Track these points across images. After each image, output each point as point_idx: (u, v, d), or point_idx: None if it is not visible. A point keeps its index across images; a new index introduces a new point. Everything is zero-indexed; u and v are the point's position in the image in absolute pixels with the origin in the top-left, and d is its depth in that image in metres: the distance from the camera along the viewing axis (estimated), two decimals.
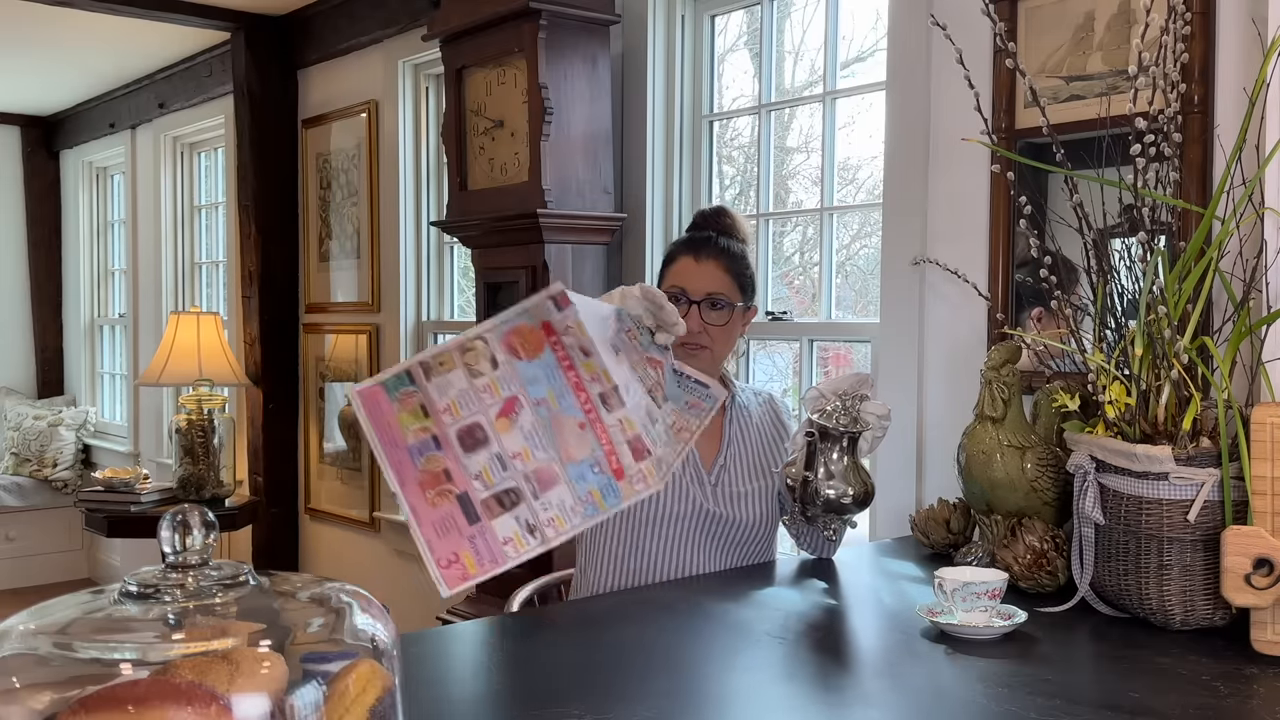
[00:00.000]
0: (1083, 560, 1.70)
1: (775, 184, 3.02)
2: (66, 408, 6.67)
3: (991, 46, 2.17)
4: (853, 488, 1.86)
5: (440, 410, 1.25)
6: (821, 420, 1.84)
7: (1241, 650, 1.48)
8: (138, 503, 4.19)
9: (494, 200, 3.05)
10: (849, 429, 1.84)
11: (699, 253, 2.03)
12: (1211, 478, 1.55)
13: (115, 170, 6.60)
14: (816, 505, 1.87)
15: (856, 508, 1.89)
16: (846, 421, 1.85)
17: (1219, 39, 1.91)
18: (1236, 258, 1.71)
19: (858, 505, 1.88)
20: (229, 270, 5.27)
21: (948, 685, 1.31)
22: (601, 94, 2.97)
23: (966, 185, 2.29)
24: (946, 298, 2.33)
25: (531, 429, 1.28)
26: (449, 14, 3.11)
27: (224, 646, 0.79)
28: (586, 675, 1.36)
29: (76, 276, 6.84)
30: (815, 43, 2.92)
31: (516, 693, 1.35)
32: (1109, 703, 1.29)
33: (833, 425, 1.84)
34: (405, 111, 4.07)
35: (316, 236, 4.66)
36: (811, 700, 1.36)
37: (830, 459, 1.85)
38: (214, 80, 5.12)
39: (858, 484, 1.87)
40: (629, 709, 1.25)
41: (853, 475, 1.86)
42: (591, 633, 1.64)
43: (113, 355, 6.73)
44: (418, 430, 1.24)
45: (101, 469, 4.86)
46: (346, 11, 4.27)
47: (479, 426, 1.25)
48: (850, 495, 1.86)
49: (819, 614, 1.76)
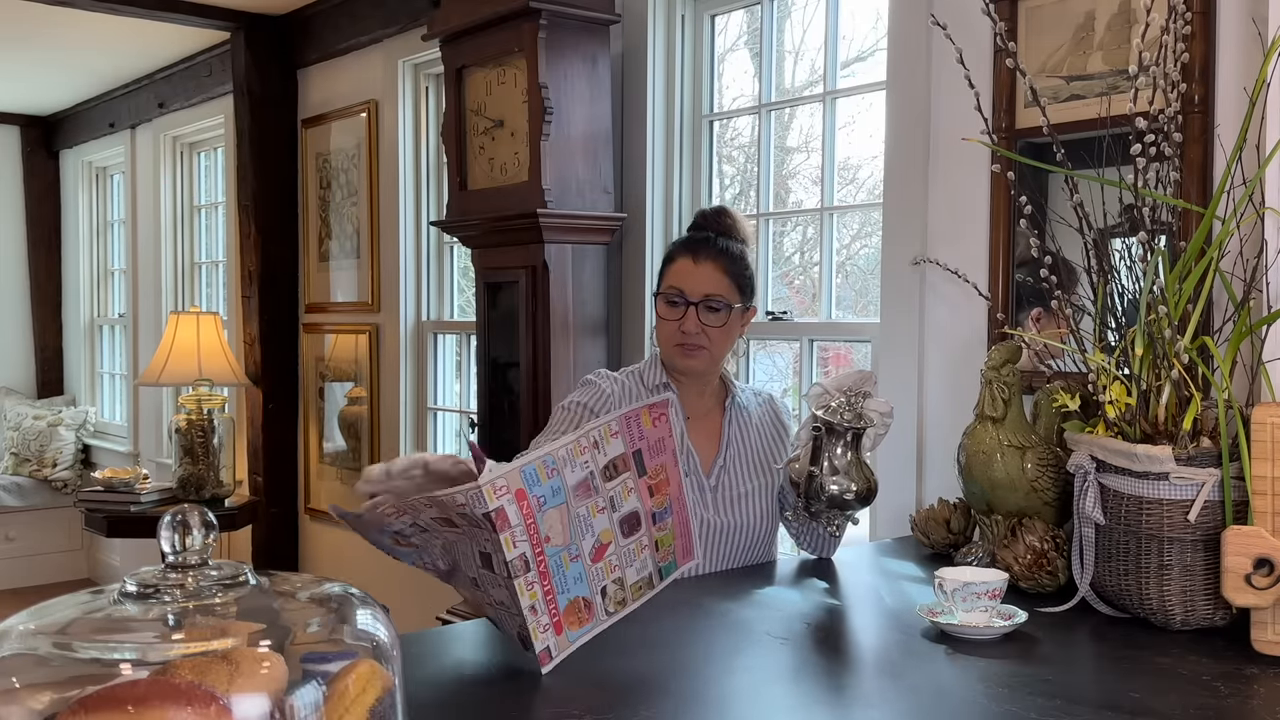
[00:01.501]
0: (1083, 560, 1.69)
1: (775, 184, 3.02)
2: (66, 408, 6.67)
3: (992, 46, 2.17)
4: (856, 484, 1.86)
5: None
6: (826, 416, 1.85)
7: (1242, 650, 1.48)
8: (137, 503, 4.19)
9: (494, 200, 3.04)
10: (853, 425, 1.85)
11: (697, 254, 2.02)
12: (1212, 478, 1.55)
13: (115, 170, 6.60)
14: (821, 501, 1.87)
15: (860, 504, 1.89)
16: (851, 417, 1.85)
17: (1219, 38, 1.91)
18: (1237, 258, 1.71)
19: (861, 501, 1.89)
20: (229, 270, 5.26)
21: (948, 685, 1.31)
22: (601, 94, 2.97)
23: (967, 185, 2.29)
24: (946, 298, 2.33)
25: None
26: (449, 14, 3.11)
27: (224, 646, 0.79)
28: (586, 675, 1.36)
29: (76, 276, 6.84)
30: (815, 43, 2.92)
31: (517, 693, 1.35)
32: (1109, 703, 1.29)
33: (837, 421, 1.84)
34: (405, 111, 4.07)
35: (316, 236, 4.65)
36: (813, 700, 1.36)
37: (835, 454, 1.86)
38: (214, 80, 5.12)
39: (861, 480, 1.87)
40: (629, 709, 1.25)
41: (856, 471, 1.87)
42: None
43: (112, 355, 6.73)
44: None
45: (101, 469, 4.87)
46: (347, 11, 4.27)
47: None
48: (854, 491, 1.86)
49: (820, 614, 1.75)
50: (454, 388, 4.10)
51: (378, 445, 4.26)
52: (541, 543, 1.26)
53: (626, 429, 1.37)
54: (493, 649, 1.52)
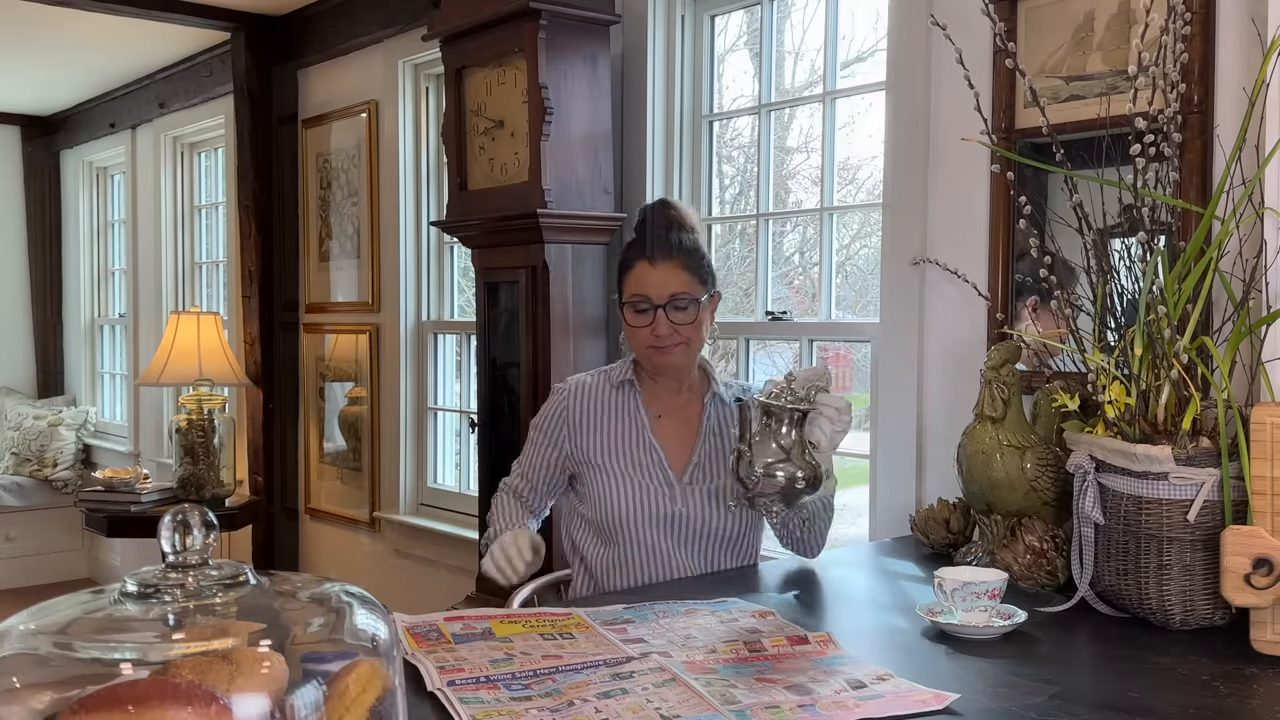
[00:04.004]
0: (1082, 560, 1.70)
1: (775, 184, 3.02)
2: (66, 408, 6.67)
3: (991, 47, 2.17)
4: (800, 469, 1.78)
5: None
6: (766, 400, 1.79)
7: (1241, 650, 1.48)
8: (138, 502, 4.19)
9: (494, 200, 3.04)
10: (796, 405, 1.78)
11: (654, 257, 2.01)
12: (1211, 477, 1.55)
13: (115, 170, 6.60)
14: (751, 482, 1.78)
15: (802, 488, 1.80)
16: (793, 400, 1.79)
17: (1218, 39, 1.91)
18: (1236, 258, 1.71)
19: (802, 486, 1.80)
20: (229, 270, 5.27)
21: (948, 685, 1.31)
22: (601, 94, 2.97)
23: (966, 185, 2.29)
24: (946, 297, 2.33)
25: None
26: (449, 14, 3.11)
27: (224, 646, 0.79)
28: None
29: (77, 276, 6.84)
30: (815, 43, 2.92)
31: None
32: (1109, 703, 1.29)
33: (778, 404, 1.78)
34: (405, 111, 4.07)
35: (317, 236, 4.66)
36: None
37: (779, 436, 1.78)
38: (214, 80, 5.12)
39: (805, 466, 1.79)
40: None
41: (798, 455, 1.78)
42: None
43: (113, 355, 6.73)
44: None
45: (102, 469, 4.87)
46: (346, 11, 4.27)
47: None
48: (791, 474, 1.77)
49: (819, 614, 1.75)
50: (454, 388, 4.10)
51: (378, 445, 4.27)
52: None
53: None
54: None
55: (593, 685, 1.21)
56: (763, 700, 1.17)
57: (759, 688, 1.21)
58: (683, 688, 1.20)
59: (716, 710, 1.14)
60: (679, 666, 1.27)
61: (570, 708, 1.15)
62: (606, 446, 2.06)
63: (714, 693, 1.18)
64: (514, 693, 1.19)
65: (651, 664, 1.28)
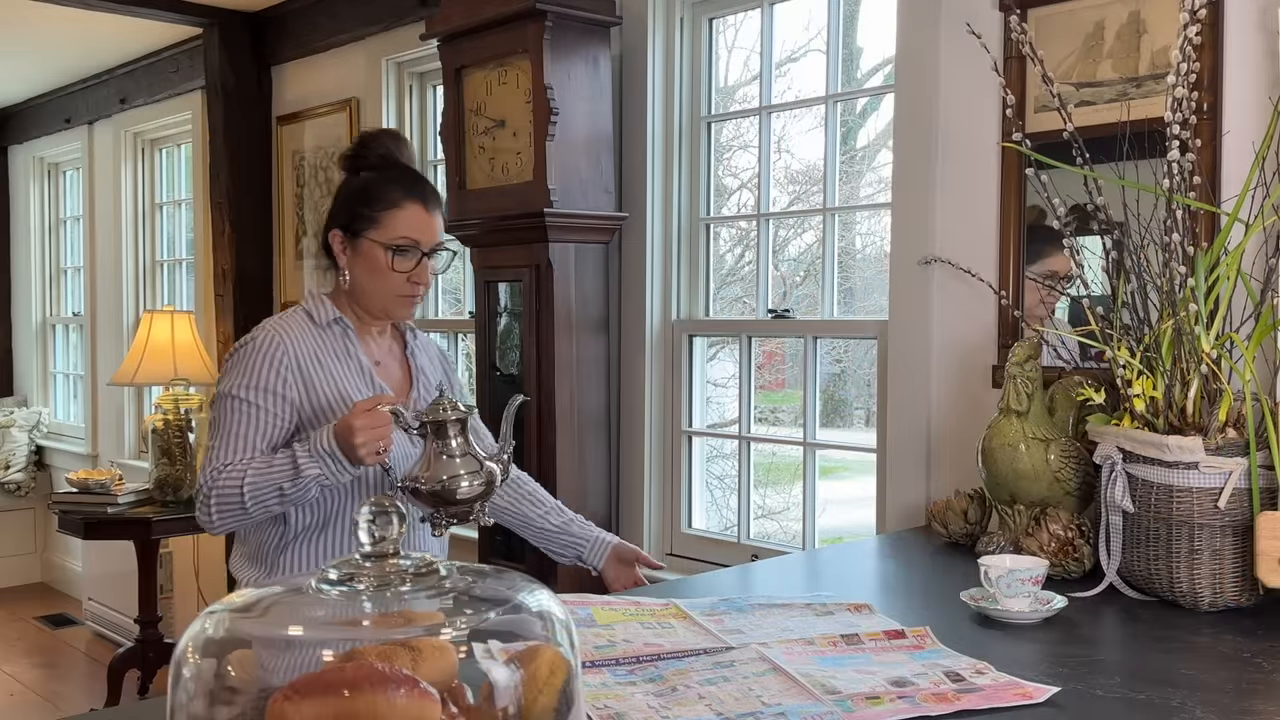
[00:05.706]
0: (1109, 547, 1.77)
1: (775, 184, 3.07)
2: (18, 409, 6.51)
3: (1002, 53, 2.24)
4: (487, 465, 1.75)
5: None
6: (432, 416, 1.72)
7: (1272, 629, 1.57)
8: (114, 504, 4.11)
9: (495, 200, 3.06)
10: (460, 414, 1.73)
11: (428, 201, 1.89)
12: (1239, 466, 1.64)
13: (69, 166, 6.46)
14: (459, 498, 1.72)
15: (500, 480, 1.76)
16: (450, 406, 1.72)
17: (1225, 48, 2.00)
18: (1256, 257, 1.80)
19: (500, 478, 1.76)
20: (197, 268, 5.19)
21: (1008, 667, 1.37)
22: (603, 94, 3.00)
23: (974, 186, 2.36)
24: (955, 296, 2.40)
25: None
26: (450, 14, 3.11)
27: (413, 633, 0.82)
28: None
29: (27, 274, 6.68)
30: (817, 44, 2.98)
31: None
32: (1164, 679, 1.36)
33: (442, 417, 1.72)
34: (388, 110, 4.06)
35: (292, 235, 4.62)
36: None
37: (450, 448, 1.72)
38: (180, 76, 5.04)
39: (486, 461, 1.76)
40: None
41: (475, 454, 1.74)
42: None
43: (66, 355, 6.59)
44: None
45: (64, 471, 4.76)
46: (327, 9, 4.24)
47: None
48: (490, 473, 1.74)
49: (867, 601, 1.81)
50: None
51: None
52: None
53: None
54: None
55: (694, 673, 1.25)
56: (863, 691, 1.22)
57: (858, 679, 1.26)
58: (783, 677, 1.24)
59: (818, 699, 1.18)
60: (780, 656, 1.31)
61: (674, 693, 1.19)
62: (339, 397, 1.86)
63: (814, 683, 1.23)
64: (619, 678, 1.23)
65: (751, 654, 1.32)
